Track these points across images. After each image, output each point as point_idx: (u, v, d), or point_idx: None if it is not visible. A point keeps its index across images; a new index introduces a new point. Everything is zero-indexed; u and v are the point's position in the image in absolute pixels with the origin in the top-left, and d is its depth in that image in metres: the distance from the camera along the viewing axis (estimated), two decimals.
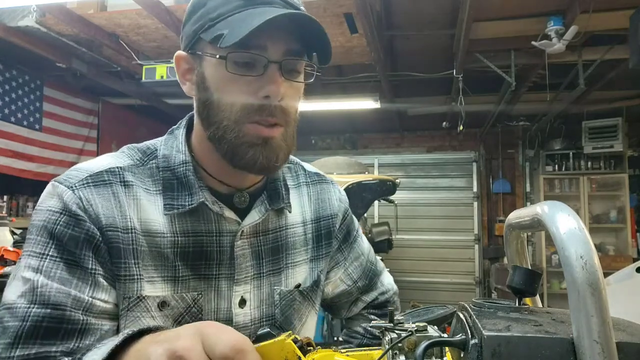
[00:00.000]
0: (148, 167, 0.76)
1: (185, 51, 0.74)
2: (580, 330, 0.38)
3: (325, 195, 0.94)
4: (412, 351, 0.49)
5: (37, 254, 0.66)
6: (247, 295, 0.78)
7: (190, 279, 0.74)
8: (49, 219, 0.67)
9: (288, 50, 0.69)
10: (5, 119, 4.46)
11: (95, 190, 0.69)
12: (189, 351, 0.44)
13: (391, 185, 4.24)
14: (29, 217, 4.92)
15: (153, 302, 0.71)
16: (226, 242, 0.76)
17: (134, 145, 0.80)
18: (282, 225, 0.84)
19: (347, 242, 0.97)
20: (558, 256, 0.43)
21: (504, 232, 0.68)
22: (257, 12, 0.66)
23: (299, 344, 0.52)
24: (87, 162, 0.75)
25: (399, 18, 3.68)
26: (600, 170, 5.91)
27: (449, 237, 6.51)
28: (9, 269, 2.98)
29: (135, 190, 0.73)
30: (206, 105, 0.71)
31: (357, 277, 0.98)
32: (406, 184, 6.24)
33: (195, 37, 0.71)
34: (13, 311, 0.63)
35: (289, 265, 0.85)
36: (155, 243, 0.71)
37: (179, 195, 0.73)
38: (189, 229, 0.74)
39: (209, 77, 0.71)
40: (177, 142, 0.77)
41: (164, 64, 3.87)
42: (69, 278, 0.65)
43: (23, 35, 3.74)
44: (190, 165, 0.75)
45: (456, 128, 5.21)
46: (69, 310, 0.64)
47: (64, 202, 0.67)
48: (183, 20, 0.75)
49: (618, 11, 3.16)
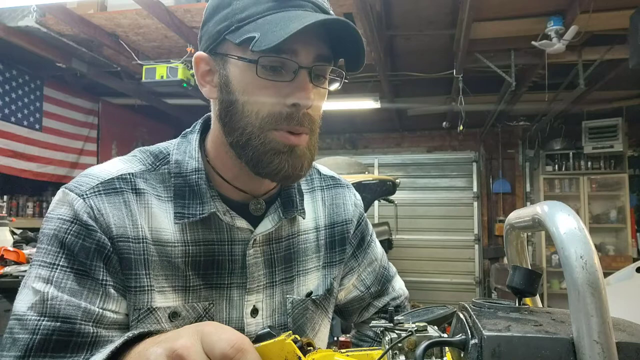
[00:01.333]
0: (160, 173, 0.74)
1: (206, 52, 0.71)
2: (580, 330, 0.38)
3: (340, 200, 0.91)
4: (412, 351, 0.49)
5: (48, 264, 0.65)
6: (259, 304, 0.77)
7: (202, 288, 0.72)
8: (59, 228, 0.66)
9: (319, 55, 0.67)
10: (5, 119, 4.46)
11: (106, 199, 0.68)
12: (188, 349, 0.44)
13: (391, 185, 4.24)
14: (29, 217, 4.92)
15: (164, 314, 0.69)
16: (238, 251, 0.74)
17: (146, 148, 0.78)
18: (294, 232, 0.82)
19: (361, 248, 0.95)
20: (558, 256, 0.43)
21: (504, 232, 0.68)
22: (290, 15, 0.63)
23: (299, 344, 0.52)
24: (98, 166, 0.73)
25: (399, 18, 3.68)
26: (600, 170, 5.90)
27: (449, 237, 6.51)
28: (9, 269, 2.98)
29: (147, 198, 0.71)
30: (229, 110, 0.68)
31: (370, 283, 0.96)
32: (406, 184, 6.24)
33: (220, 38, 0.67)
34: (23, 323, 0.62)
35: (301, 273, 0.83)
36: (166, 252, 0.70)
37: (190, 203, 0.71)
38: (200, 237, 0.72)
39: (234, 81, 0.67)
40: (191, 147, 0.75)
41: (164, 64, 3.87)
42: (80, 289, 0.64)
43: (23, 35, 3.74)
44: (202, 173, 0.73)
45: (456, 128, 5.21)
46: (79, 323, 0.63)
47: (75, 211, 0.66)
48: (203, 19, 0.72)
49: (618, 11, 3.16)
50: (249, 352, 0.44)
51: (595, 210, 5.95)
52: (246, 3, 0.66)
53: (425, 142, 6.83)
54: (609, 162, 5.87)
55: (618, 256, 5.64)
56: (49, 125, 4.92)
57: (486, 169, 6.60)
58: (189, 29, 3.68)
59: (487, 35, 3.65)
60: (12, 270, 2.96)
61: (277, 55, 0.64)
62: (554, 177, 6.10)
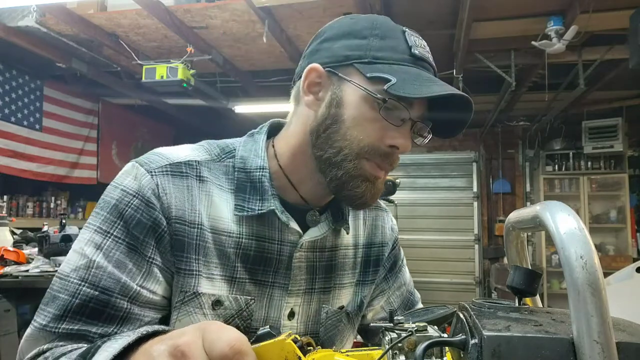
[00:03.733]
0: (224, 165, 0.77)
1: (323, 66, 0.73)
2: (580, 330, 0.38)
3: (379, 222, 0.95)
4: (412, 351, 0.49)
5: (103, 232, 0.68)
6: (296, 308, 0.79)
7: (247, 282, 0.75)
8: (121, 199, 0.68)
9: (424, 114, 0.73)
10: (5, 119, 4.46)
11: (172, 180, 0.71)
12: (190, 345, 0.45)
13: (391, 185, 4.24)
14: (29, 217, 4.92)
15: (207, 300, 0.71)
16: (286, 252, 0.77)
17: (213, 141, 0.81)
18: (337, 245, 0.85)
19: (392, 271, 0.98)
20: (558, 256, 0.43)
21: (504, 232, 0.68)
22: (424, 75, 0.69)
23: (299, 344, 0.52)
24: (168, 148, 0.77)
25: (399, 18, 3.68)
26: (600, 170, 5.90)
27: (449, 237, 6.50)
28: (9, 269, 2.98)
29: (209, 186, 0.74)
30: (330, 127, 0.72)
31: (397, 306, 0.99)
32: (406, 184, 6.24)
33: (346, 62, 0.71)
34: (65, 284, 0.66)
35: (337, 286, 0.85)
36: (220, 241, 0.73)
37: (250, 198, 0.74)
38: (254, 232, 0.75)
39: (348, 105, 0.71)
40: (257, 146, 0.78)
41: (164, 64, 3.87)
42: (125, 262, 0.67)
43: (23, 35, 3.74)
44: (266, 171, 0.75)
45: None
46: (115, 296, 0.65)
47: (140, 185, 0.69)
48: (324, 35, 0.76)
49: (618, 11, 3.16)
50: (247, 354, 0.45)
51: (595, 210, 5.95)
52: (383, 45, 0.71)
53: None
54: (609, 162, 5.87)
55: (618, 256, 5.64)
56: (49, 125, 4.93)
57: (486, 169, 6.60)
58: (189, 29, 3.68)
59: (487, 35, 3.66)
60: (12, 270, 2.96)
61: (401, 103, 0.69)
62: (554, 177, 6.10)
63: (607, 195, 5.91)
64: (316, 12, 3.19)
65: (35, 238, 3.60)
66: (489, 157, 6.60)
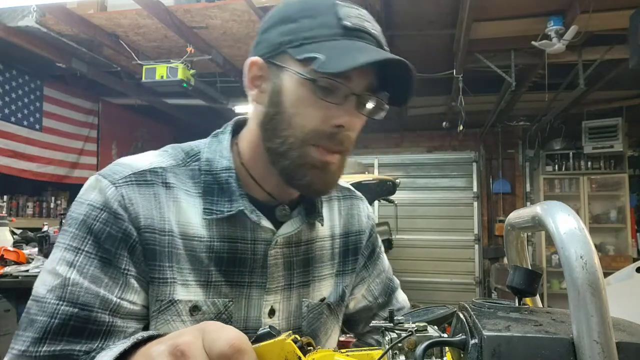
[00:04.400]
0: (190, 169, 0.76)
1: (262, 57, 0.72)
2: (580, 330, 0.38)
3: (355, 211, 0.94)
4: (412, 351, 0.49)
5: (74, 248, 0.66)
6: (276, 305, 0.78)
7: (223, 285, 0.74)
8: (89, 214, 0.67)
9: (369, 84, 0.70)
10: (5, 119, 4.46)
11: (137, 190, 0.70)
12: (189, 345, 0.44)
13: (391, 185, 4.25)
14: (29, 217, 4.92)
15: (185, 307, 0.71)
16: (260, 251, 0.76)
17: (177, 145, 0.80)
18: (313, 238, 0.84)
19: (371, 259, 0.98)
20: (558, 256, 0.43)
21: (504, 232, 0.68)
22: (356, 46, 0.66)
23: (299, 344, 0.52)
24: (130, 157, 0.75)
25: (399, 18, 3.68)
26: (600, 170, 5.90)
27: (449, 237, 6.51)
28: (9, 269, 2.99)
29: (176, 192, 0.73)
30: (274, 118, 0.71)
31: (377, 293, 0.98)
32: (406, 184, 6.24)
33: (280, 49, 0.69)
34: (42, 305, 0.64)
35: (316, 279, 0.85)
36: (191, 246, 0.72)
37: (218, 200, 0.73)
38: (225, 234, 0.74)
39: (287, 92, 0.69)
40: (222, 146, 0.77)
41: (164, 64, 3.87)
42: (101, 277, 0.66)
43: (23, 35, 3.74)
44: (233, 172, 0.74)
45: (456, 128, 5.22)
46: (96, 311, 0.64)
47: (106, 198, 0.68)
48: (263, 26, 0.74)
49: (618, 11, 3.16)
50: (247, 352, 0.45)
51: (595, 210, 5.95)
52: (314, 24, 0.68)
53: (425, 142, 6.83)
54: (609, 162, 5.87)
55: (618, 256, 5.64)
56: (49, 125, 4.93)
57: (486, 169, 6.60)
58: (189, 29, 3.68)
59: (487, 35, 3.66)
60: (12, 270, 2.96)
61: (335, 79, 0.66)
62: (554, 177, 6.10)
63: (607, 195, 5.91)
64: None
65: (35, 238, 3.60)
66: (489, 157, 6.60)
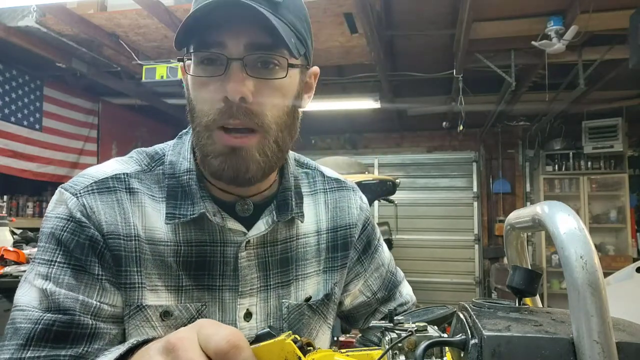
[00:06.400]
0: (155, 173, 0.75)
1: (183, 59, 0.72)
2: (580, 330, 0.38)
3: (344, 203, 0.89)
4: (412, 351, 0.49)
5: (46, 261, 0.67)
6: (253, 308, 0.76)
7: (194, 289, 0.72)
8: (56, 226, 0.68)
9: (251, 44, 0.63)
10: (5, 119, 4.46)
11: (98, 197, 0.70)
12: (182, 340, 0.44)
13: (391, 185, 4.24)
14: (29, 217, 4.92)
15: (154, 312, 0.70)
16: (230, 253, 0.74)
17: (143, 149, 0.78)
18: (292, 236, 0.81)
19: (367, 253, 0.93)
20: (558, 256, 0.43)
21: (504, 232, 0.68)
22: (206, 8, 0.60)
23: (299, 344, 0.51)
24: (94, 167, 0.75)
25: (399, 18, 3.68)
26: (600, 170, 5.90)
27: (449, 237, 6.51)
28: (9, 269, 2.98)
29: (141, 197, 0.72)
30: (189, 112, 0.71)
31: (376, 288, 0.94)
32: (406, 184, 6.24)
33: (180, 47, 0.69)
34: (25, 314, 0.64)
35: (299, 277, 0.82)
36: (158, 251, 0.71)
37: (182, 204, 0.72)
38: (192, 238, 0.72)
39: (187, 85, 0.70)
40: (184, 148, 0.76)
41: (164, 64, 3.87)
42: (77, 284, 0.66)
43: (23, 35, 3.74)
44: (194, 173, 0.73)
45: (456, 128, 5.21)
46: (78, 314, 0.65)
47: (69, 209, 0.68)
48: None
49: (618, 11, 3.16)
50: (243, 348, 0.45)
51: (595, 210, 5.95)
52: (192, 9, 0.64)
53: (425, 142, 6.83)
54: (609, 162, 5.87)
55: (618, 256, 5.64)
56: (49, 125, 4.92)
57: (486, 169, 6.60)
58: None
59: (487, 35, 3.65)
60: (12, 270, 2.96)
61: (201, 50, 0.64)
62: (554, 177, 6.10)
63: (607, 195, 5.91)
64: (316, 12, 3.18)
65: (35, 238, 3.60)
66: (489, 157, 6.60)
